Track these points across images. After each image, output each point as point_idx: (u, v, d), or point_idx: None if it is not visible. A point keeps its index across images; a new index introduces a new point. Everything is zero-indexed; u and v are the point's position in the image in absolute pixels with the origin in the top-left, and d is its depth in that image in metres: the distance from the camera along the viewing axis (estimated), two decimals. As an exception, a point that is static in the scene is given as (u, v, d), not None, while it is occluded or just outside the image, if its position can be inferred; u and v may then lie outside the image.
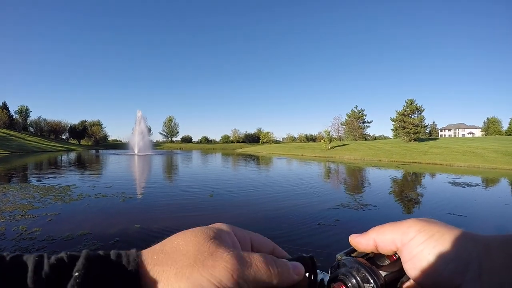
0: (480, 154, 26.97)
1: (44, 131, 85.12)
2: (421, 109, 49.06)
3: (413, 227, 0.41)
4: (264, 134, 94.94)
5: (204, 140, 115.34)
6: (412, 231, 0.41)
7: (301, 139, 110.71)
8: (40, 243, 5.30)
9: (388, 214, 8.32)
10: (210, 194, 10.72)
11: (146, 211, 8.29)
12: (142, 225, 6.64)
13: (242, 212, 8.37)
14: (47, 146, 57.19)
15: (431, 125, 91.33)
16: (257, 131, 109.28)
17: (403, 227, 0.42)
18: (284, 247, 0.52)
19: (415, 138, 47.47)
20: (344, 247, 0.52)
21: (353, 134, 74.61)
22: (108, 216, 7.58)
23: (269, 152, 55.45)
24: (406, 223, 0.43)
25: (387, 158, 32.07)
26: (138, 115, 56.50)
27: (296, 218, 7.69)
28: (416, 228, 0.41)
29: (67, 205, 8.56)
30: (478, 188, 12.99)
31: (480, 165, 23.45)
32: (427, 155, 30.23)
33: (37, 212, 7.54)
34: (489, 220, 7.80)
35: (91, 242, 5.44)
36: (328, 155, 41.37)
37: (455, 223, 5.96)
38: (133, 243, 5.58)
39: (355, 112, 75.74)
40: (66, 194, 10.01)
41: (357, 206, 9.00)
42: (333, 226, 6.88)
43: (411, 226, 0.41)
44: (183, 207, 8.76)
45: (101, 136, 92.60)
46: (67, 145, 68.36)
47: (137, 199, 9.85)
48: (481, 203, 9.94)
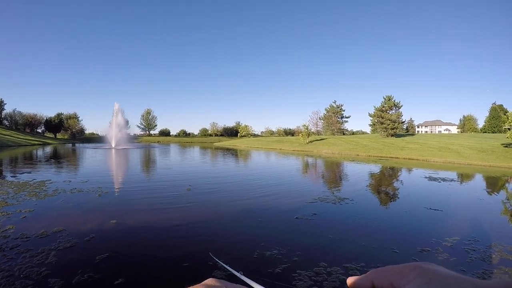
0: (456, 150, 27.71)
1: (19, 125, 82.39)
2: (399, 106, 49.98)
3: (412, 270, 0.41)
4: (242, 127, 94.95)
5: (182, 133, 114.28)
6: (411, 274, 0.41)
7: (280, 133, 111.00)
8: (14, 242, 5.17)
9: (365, 208, 8.48)
10: (188, 188, 10.69)
11: (123, 206, 8.19)
12: (119, 221, 6.58)
13: (219, 206, 8.37)
14: (22, 140, 55.49)
15: (408, 121, 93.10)
16: (235, 124, 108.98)
17: (403, 270, 0.42)
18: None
19: (393, 134, 48.45)
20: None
21: (331, 129, 75.44)
22: (83, 212, 7.45)
23: (247, 145, 55.55)
24: (405, 266, 0.43)
25: (364, 153, 32.61)
26: (115, 108, 55.24)
27: (273, 212, 7.76)
28: (415, 272, 0.41)
29: (42, 201, 8.35)
30: (453, 183, 13.41)
31: (455, 161, 24.13)
32: (404, 150, 30.89)
33: (10, 209, 7.33)
34: (465, 215, 8.06)
35: (66, 239, 5.33)
36: (306, 149, 41.79)
37: (432, 217, 6.16)
38: (109, 239, 5.51)
39: (334, 107, 76.49)
40: (41, 190, 9.77)
41: (335, 200, 9.14)
42: (310, 220, 6.97)
43: (410, 270, 0.41)
44: (160, 201, 8.69)
45: (78, 129, 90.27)
46: (43, 139, 66.48)
47: (114, 194, 9.70)
48: (456, 198, 10.30)
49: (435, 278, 0.39)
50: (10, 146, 42.03)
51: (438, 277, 0.39)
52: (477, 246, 5.34)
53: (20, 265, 4.26)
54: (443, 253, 5.03)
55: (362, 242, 5.55)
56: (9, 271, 4.09)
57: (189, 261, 4.59)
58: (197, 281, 0.45)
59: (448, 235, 5.91)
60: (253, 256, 4.82)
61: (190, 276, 4.13)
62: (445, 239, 5.67)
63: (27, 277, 3.94)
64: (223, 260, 4.20)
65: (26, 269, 4.14)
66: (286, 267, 4.40)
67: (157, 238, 5.72)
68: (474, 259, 4.78)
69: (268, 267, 4.38)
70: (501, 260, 4.75)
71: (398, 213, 7.99)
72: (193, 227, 6.36)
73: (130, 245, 5.29)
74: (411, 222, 7.12)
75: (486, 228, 6.73)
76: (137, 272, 4.27)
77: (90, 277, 4.00)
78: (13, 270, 4.10)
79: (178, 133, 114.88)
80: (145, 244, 5.37)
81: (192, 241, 5.59)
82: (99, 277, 4.01)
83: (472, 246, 5.32)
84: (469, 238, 5.74)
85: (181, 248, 5.21)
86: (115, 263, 4.51)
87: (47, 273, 4.06)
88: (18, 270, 4.11)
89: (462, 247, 5.29)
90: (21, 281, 3.83)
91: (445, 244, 5.41)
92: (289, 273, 4.21)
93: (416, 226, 6.82)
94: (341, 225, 6.83)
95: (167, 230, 6.16)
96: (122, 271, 4.21)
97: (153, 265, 4.50)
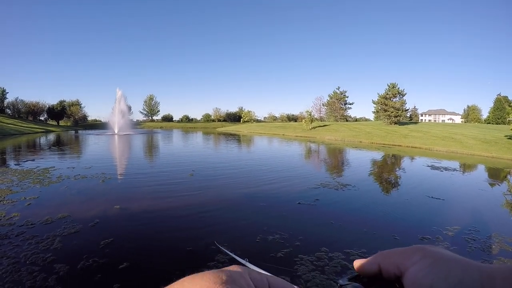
0: (459, 140, 27.53)
1: (22, 113, 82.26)
2: (403, 93, 49.53)
3: (417, 252, 0.41)
4: (245, 113, 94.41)
5: (185, 119, 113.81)
6: (416, 256, 0.41)
7: (283, 119, 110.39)
8: (19, 229, 5.24)
9: (367, 194, 8.52)
10: (191, 173, 10.74)
11: (126, 192, 8.26)
12: (122, 206, 6.65)
13: (221, 191, 8.44)
14: (25, 128, 55.52)
15: (412, 109, 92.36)
16: (238, 110, 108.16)
17: (408, 252, 0.42)
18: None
19: (396, 122, 48.13)
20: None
21: (335, 115, 74.98)
22: (87, 198, 7.52)
23: (250, 131, 55.44)
24: (410, 249, 0.43)
25: (367, 140, 32.51)
26: (118, 94, 55.07)
27: (275, 197, 7.82)
28: (420, 254, 0.41)
29: (46, 188, 8.43)
30: (455, 173, 13.33)
31: (458, 150, 23.96)
32: (407, 139, 30.76)
33: (15, 197, 7.40)
34: (466, 205, 8.05)
35: (71, 225, 5.40)
36: (309, 135, 41.67)
37: (433, 205, 6.17)
38: (113, 225, 5.58)
39: (337, 93, 75.92)
40: (45, 177, 9.84)
41: (337, 186, 9.18)
42: (313, 206, 7.01)
43: (415, 252, 0.41)
44: (163, 186, 8.76)
45: (80, 116, 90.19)
46: (46, 126, 66.47)
47: (117, 179, 9.78)
48: (458, 188, 10.27)
49: (439, 260, 0.39)
50: (13, 134, 42.14)
51: (442, 260, 0.39)
52: (477, 236, 5.37)
53: (25, 251, 4.33)
54: (443, 241, 5.06)
55: (363, 228, 5.60)
56: (15, 257, 4.16)
57: (192, 245, 4.65)
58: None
59: (449, 224, 5.94)
60: (255, 240, 4.88)
61: (193, 259, 4.20)
62: (446, 227, 5.70)
63: (33, 263, 4.01)
64: (228, 249, 4.25)
65: (31, 255, 4.21)
66: (288, 251, 4.46)
67: (160, 223, 5.78)
68: (474, 249, 4.82)
69: (271, 252, 4.44)
70: (500, 251, 4.79)
71: (399, 201, 8.03)
72: (196, 212, 6.43)
73: (134, 230, 5.36)
74: (412, 210, 7.15)
75: (487, 218, 6.74)
76: (141, 256, 4.34)
77: (95, 262, 4.07)
78: (19, 257, 4.17)
79: (181, 119, 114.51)
80: (148, 228, 5.44)
81: (195, 225, 5.65)
82: (103, 262, 4.08)
83: (472, 236, 5.35)
84: (469, 228, 5.77)
85: (184, 232, 5.28)
86: (120, 248, 4.58)
87: (53, 259, 4.12)
88: (24, 256, 4.18)
89: (462, 237, 5.32)
90: (27, 267, 3.89)
91: (445, 233, 5.45)
92: (291, 257, 4.26)
93: (417, 214, 6.85)
94: (342, 211, 6.88)
95: (170, 215, 6.23)
96: (127, 256, 4.28)
97: (157, 250, 4.56)
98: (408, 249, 0.43)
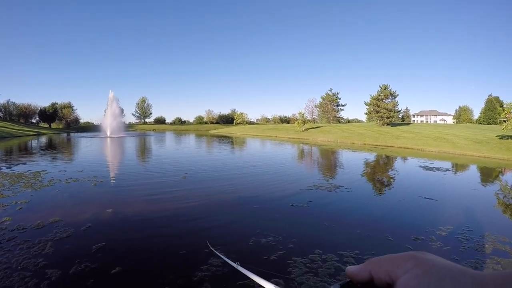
0: (451, 140, 27.75)
1: (14, 115, 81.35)
2: (395, 95, 49.82)
3: (409, 260, 0.41)
4: (238, 115, 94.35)
5: (177, 121, 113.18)
6: (408, 264, 0.41)
7: (275, 120, 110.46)
8: (11, 233, 5.16)
9: (360, 195, 8.57)
10: (183, 175, 10.71)
11: (118, 195, 8.20)
12: (115, 210, 6.61)
13: (214, 193, 8.40)
14: (17, 131, 54.76)
15: (404, 110, 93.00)
16: (231, 112, 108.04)
17: (400, 260, 0.42)
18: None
19: (388, 123, 48.41)
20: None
21: (327, 117, 75.23)
22: (79, 201, 7.45)
23: (243, 133, 55.39)
24: (403, 256, 0.43)
25: (360, 141, 32.67)
26: (110, 96, 54.55)
27: (268, 199, 7.82)
28: (412, 262, 0.41)
29: (38, 192, 8.33)
30: (448, 173, 13.45)
31: (450, 151, 24.15)
32: (399, 139, 30.96)
33: (6, 201, 7.30)
34: (459, 204, 8.11)
35: (63, 229, 5.34)
36: (302, 137, 41.80)
37: (426, 206, 6.21)
38: (105, 229, 5.54)
39: (330, 95, 76.19)
40: (37, 181, 9.72)
41: (330, 187, 9.21)
42: (306, 207, 7.03)
43: (407, 260, 0.41)
44: (156, 189, 8.72)
45: (73, 118, 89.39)
46: (38, 129, 65.77)
47: (109, 183, 9.70)
48: (451, 188, 10.35)
49: (431, 269, 0.39)
50: (5, 137, 41.60)
51: (434, 268, 0.39)
52: (471, 235, 5.42)
53: (17, 256, 4.27)
54: (436, 241, 5.10)
55: (357, 229, 5.62)
56: (7, 263, 4.10)
57: (186, 248, 4.63)
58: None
59: (442, 224, 5.98)
60: (248, 243, 4.87)
61: (186, 264, 4.17)
62: (439, 228, 5.75)
63: (24, 268, 3.96)
64: (221, 252, 4.23)
65: (23, 260, 4.16)
66: (281, 254, 4.45)
67: (153, 226, 5.75)
68: (467, 249, 4.85)
69: (264, 254, 4.43)
70: (494, 250, 4.83)
71: (392, 202, 8.07)
72: (189, 215, 6.40)
73: (127, 233, 5.32)
74: (405, 211, 7.20)
75: (480, 218, 6.80)
76: (133, 260, 4.30)
77: (87, 266, 4.03)
78: (11, 262, 4.11)
79: (174, 121, 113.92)
80: (141, 232, 5.40)
81: (188, 228, 5.64)
82: (95, 266, 4.04)
83: (465, 236, 5.39)
84: (462, 228, 5.81)
85: (177, 236, 5.25)
86: (112, 252, 4.54)
87: (45, 263, 4.08)
88: (15, 261, 4.12)
89: (455, 236, 5.36)
90: (19, 272, 3.84)
91: (438, 233, 5.49)
92: (285, 260, 4.26)
93: (410, 214, 6.90)
94: (336, 212, 6.89)
95: (163, 218, 6.20)
96: (119, 260, 4.24)
97: (150, 253, 4.53)
98: (400, 256, 0.43)
